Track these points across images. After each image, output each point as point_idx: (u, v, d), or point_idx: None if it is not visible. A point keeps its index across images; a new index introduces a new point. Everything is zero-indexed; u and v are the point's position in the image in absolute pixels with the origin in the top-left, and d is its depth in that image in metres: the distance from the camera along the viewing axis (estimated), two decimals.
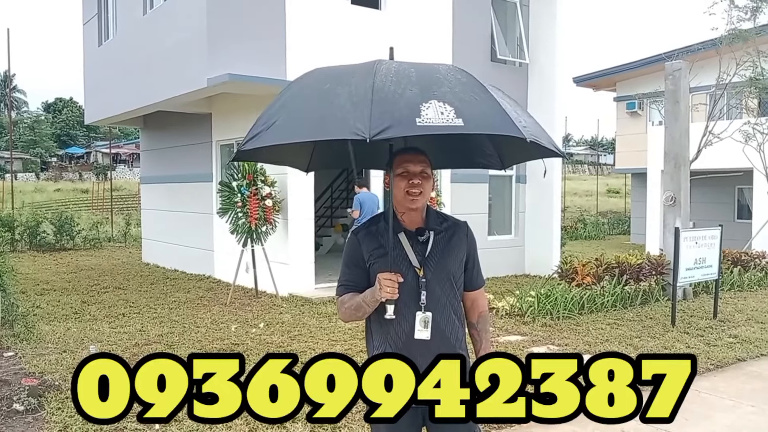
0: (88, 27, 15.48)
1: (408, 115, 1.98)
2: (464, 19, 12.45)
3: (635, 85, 22.82)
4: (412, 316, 2.47)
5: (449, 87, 2.11)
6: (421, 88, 2.08)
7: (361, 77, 2.16)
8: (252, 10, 9.91)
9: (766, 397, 5.76)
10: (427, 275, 2.49)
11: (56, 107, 73.85)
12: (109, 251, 17.66)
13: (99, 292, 10.68)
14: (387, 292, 2.36)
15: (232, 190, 9.89)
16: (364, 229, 2.62)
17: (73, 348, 6.90)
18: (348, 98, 2.09)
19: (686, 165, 10.47)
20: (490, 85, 2.29)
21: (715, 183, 19.65)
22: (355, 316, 2.56)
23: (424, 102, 2.01)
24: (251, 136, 2.25)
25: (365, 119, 1.97)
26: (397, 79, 2.11)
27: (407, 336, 2.48)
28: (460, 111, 2.00)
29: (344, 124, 2.02)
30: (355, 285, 2.56)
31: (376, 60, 2.28)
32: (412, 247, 2.52)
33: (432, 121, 1.97)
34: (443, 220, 2.63)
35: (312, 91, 2.28)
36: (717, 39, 14.52)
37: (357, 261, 2.57)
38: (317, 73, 2.38)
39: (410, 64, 2.27)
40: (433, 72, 2.21)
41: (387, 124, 1.96)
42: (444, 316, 2.52)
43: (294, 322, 8.36)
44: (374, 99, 2.03)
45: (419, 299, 2.47)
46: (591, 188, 44.04)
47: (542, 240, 13.81)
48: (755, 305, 9.86)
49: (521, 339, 7.55)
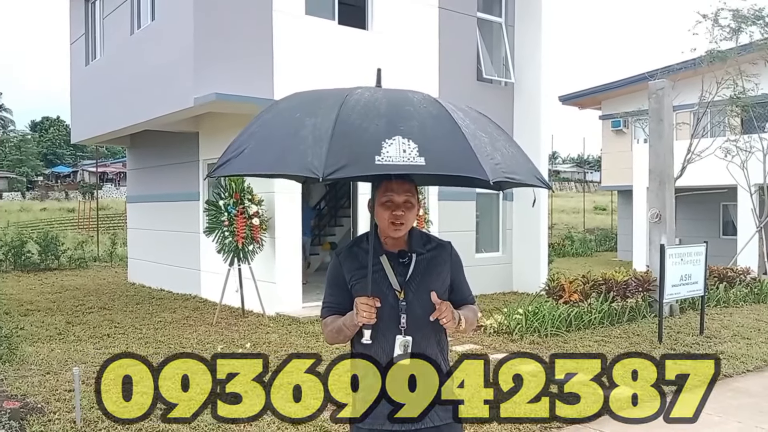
0: (75, 46, 15.48)
1: (367, 152, 1.97)
2: (451, 39, 12.57)
3: (620, 103, 23.09)
4: (393, 339, 2.43)
5: (418, 121, 2.08)
6: (388, 121, 2.06)
7: (328, 108, 2.14)
8: (239, 29, 9.96)
9: (752, 412, 5.78)
10: (408, 297, 2.45)
11: (43, 126, 73.53)
12: (94, 271, 17.50)
13: (84, 312, 10.57)
14: (363, 317, 2.34)
15: (219, 208, 9.87)
16: (346, 249, 2.60)
17: (57, 370, 6.81)
18: (312, 131, 2.08)
19: (671, 182, 10.56)
20: (469, 111, 2.26)
21: (701, 200, 19.83)
22: (337, 339, 2.53)
23: (388, 138, 1.99)
24: (222, 162, 2.26)
25: (321, 156, 1.97)
26: (364, 111, 2.10)
27: (386, 359, 2.45)
28: (424, 149, 1.99)
29: (302, 159, 2.01)
30: (338, 306, 2.54)
31: (350, 89, 2.26)
32: (394, 269, 2.48)
33: (392, 160, 1.96)
34: (426, 241, 2.60)
35: (282, 119, 2.28)
36: (698, 59, 14.75)
37: (338, 282, 2.55)
38: (293, 99, 2.38)
39: (384, 92, 2.25)
40: (404, 103, 2.18)
41: (343, 162, 1.96)
42: (425, 338, 2.48)
43: (281, 341, 8.30)
44: (335, 134, 2.02)
45: (399, 322, 2.43)
46: (578, 205, 44.30)
47: (530, 257, 13.85)
48: (741, 321, 9.91)
49: (508, 356, 7.53)
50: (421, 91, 2.34)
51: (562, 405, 5.77)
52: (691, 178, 14.71)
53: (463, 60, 13.01)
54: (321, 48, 10.63)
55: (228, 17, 9.90)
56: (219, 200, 9.94)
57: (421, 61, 11.97)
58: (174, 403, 5.71)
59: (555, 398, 5.95)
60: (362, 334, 2.41)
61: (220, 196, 9.97)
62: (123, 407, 5.56)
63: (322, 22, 10.80)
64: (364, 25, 11.47)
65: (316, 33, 10.65)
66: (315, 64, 10.43)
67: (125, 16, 12.40)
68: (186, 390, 6.09)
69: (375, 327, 2.39)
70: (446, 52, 12.43)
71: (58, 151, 70.06)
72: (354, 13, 11.61)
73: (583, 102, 25.40)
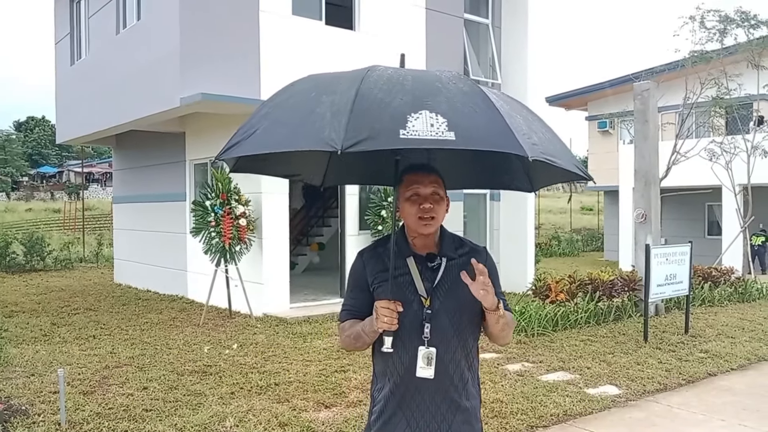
0: (60, 46, 15.36)
1: (391, 126, 1.79)
2: (437, 39, 12.59)
3: (606, 104, 23.26)
4: (414, 350, 2.22)
5: (446, 97, 1.90)
6: (413, 96, 1.87)
7: (347, 84, 1.97)
8: (226, 29, 9.93)
9: (736, 411, 5.84)
10: (434, 306, 2.23)
11: (28, 126, 72.83)
12: (80, 272, 17.37)
13: (69, 313, 10.49)
14: (384, 323, 2.13)
15: (206, 209, 9.82)
16: (371, 249, 2.40)
17: (42, 371, 6.76)
18: (329, 107, 1.90)
19: (656, 183, 10.65)
20: (502, 95, 2.11)
21: (686, 200, 20.01)
22: (354, 346, 2.32)
23: (413, 112, 1.81)
24: (230, 145, 2.08)
25: (340, 129, 1.79)
26: (387, 87, 1.92)
27: (406, 372, 2.24)
28: (454, 124, 1.80)
29: (319, 134, 1.83)
30: (358, 310, 2.34)
31: (371, 66, 2.10)
32: (421, 273, 2.27)
33: (419, 134, 1.77)
34: (459, 245, 2.37)
35: (296, 99, 2.08)
36: (682, 60, 14.88)
37: (361, 284, 2.35)
38: (307, 81, 2.18)
39: (409, 70, 2.08)
40: (432, 80, 1.99)
41: (365, 135, 1.77)
42: (449, 353, 2.25)
43: (268, 342, 8.28)
44: (355, 108, 1.84)
45: (423, 332, 2.21)
46: (565, 205, 44.51)
47: (517, 257, 13.91)
48: (725, 320, 10.01)
49: (496, 356, 7.57)
50: (451, 70, 2.17)
51: (547, 404, 5.81)
52: (676, 178, 14.84)
53: (450, 61, 13.03)
54: (308, 48, 10.62)
55: (214, 17, 9.86)
56: (205, 201, 9.90)
57: (408, 61, 11.96)
58: (161, 403, 5.70)
59: (541, 397, 5.99)
60: (382, 342, 2.20)
61: (207, 197, 9.93)
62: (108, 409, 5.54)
63: (309, 22, 10.78)
64: (351, 26, 11.46)
65: (303, 33, 10.64)
66: (302, 65, 10.41)
67: (111, 15, 12.32)
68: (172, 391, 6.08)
69: (396, 335, 2.19)
70: (433, 53, 12.45)
71: (44, 151, 69.44)
72: (341, 13, 11.61)
73: (570, 103, 25.57)
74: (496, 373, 6.83)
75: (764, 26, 14.70)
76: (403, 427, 2.26)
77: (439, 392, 2.25)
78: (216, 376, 6.61)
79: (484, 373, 6.80)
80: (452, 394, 2.27)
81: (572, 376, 6.77)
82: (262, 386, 6.26)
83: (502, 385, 6.39)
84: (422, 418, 2.25)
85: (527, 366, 7.19)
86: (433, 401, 2.25)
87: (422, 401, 2.24)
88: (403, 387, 2.25)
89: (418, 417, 2.25)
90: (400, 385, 2.26)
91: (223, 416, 5.36)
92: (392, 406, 2.28)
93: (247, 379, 6.51)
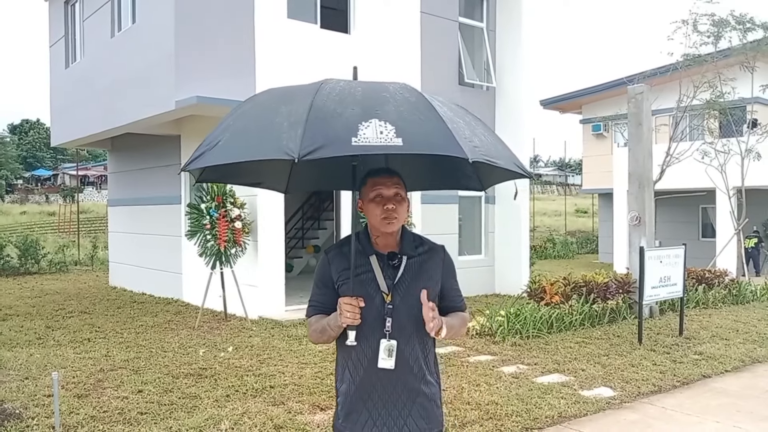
0: (54, 49, 15.33)
1: (344, 134, 1.94)
2: (432, 43, 12.63)
3: (600, 107, 23.34)
4: (376, 343, 2.37)
5: (394, 106, 2.06)
6: (363, 107, 2.03)
7: (303, 96, 2.13)
8: (221, 32, 9.93)
9: (730, 412, 5.86)
10: (395, 301, 2.39)
11: (23, 129, 72.62)
12: (75, 275, 17.32)
13: (64, 316, 10.46)
14: (347, 318, 2.30)
15: (201, 212, 9.82)
16: (336, 248, 2.54)
17: (36, 375, 6.74)
18: (286, 117, 2.06)
19: (650, 185, 10.69)
20: (447, 103, 2.24)
21: (680, 203, 20.07)
22: (321, 339, 2.49)
23: (364, 121, 1.97)
24: (195, 156, 2.21)
25: (297, 139, 1.94)
26: (340, 98, 2.09)
27: (369, 363, 2.39)
28: (401, 130, 1.96)
29: (277, 143, 1.98)
30: (323, 306, 2.49)
31: (324, 79, 2.25)
32: (383, 270, 2.42)
33: (369, 141, 1.93)
34: (419, 243, 2.53)
35: (256, 111, 2.26)
36: (676, 63, 14.93)
37: (326, 281, 2.50)
38: (266, 94, 2.36)
39: (359, 82, 2.24)
40: (380, 91, 2.16)
41: (320, 143, 1.92)
42: (409, 345, 2.41)
43: (263, 345, 8.28)
44: (310, 118, 2.00)
45: (384, 326, 2.37)
46: (560, 208, 44.60)
47: (512, 260, 13.94)
48: (719, 322, 10.05)
49: (491, 359, 7.58)
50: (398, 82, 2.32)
51: (542, 406, 5.82)
52: (670, 181, 14.89)
53: (445, 64, 13.08)
54: (303, 51, 10.63)
55: (210, 20, 9.87)
56: (201, 203, 9.89)
57: (402, 65, 12.01)
58: (156, 406, 5.69)
59: (536, 399, 6.00)
60: (346, 336, 2.37)
61: (202, 200, 9.92)
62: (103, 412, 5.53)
63: (304, 25, 10.80)
64: (346, 29, 11.48)
65: (298, 36, 10.65)
66: (297, 67, 10.43)
67: (106, 18, 12.31)
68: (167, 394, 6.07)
69: (359, 329, 2.34)
70: (428, 56, 12.48)
71: (38, 154, 69.21)
72: (336, 16, 11.63)
73: (564, 106, 25.65)
74: (491, 375, 6.84)
75: (759, 29, 14.76)
76: (366, 416, 2.42)
77: (400, 381, 2.41)
78: (211, 379, 6.60)
79: (480, 376, 6.81)
80: (411, 383, 2.43)
81: (567, 378, 6.79)
82: (257, 389, 6.26)
83: (497, 387, 6.40)
84: (384, 407, 2.41)
85: (522, 368, 7.20)
86: (395, 390, 2.41)
87: (384, 390, 2.40)
88: (366, 378, 2.40)
89: (379, 406, 2.41)
90: (363, 376, 2.41)
91: (218, 419, 5.35)
92: (356, 397, 2.43)
93: (242, 381, 6.50)
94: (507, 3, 14.13)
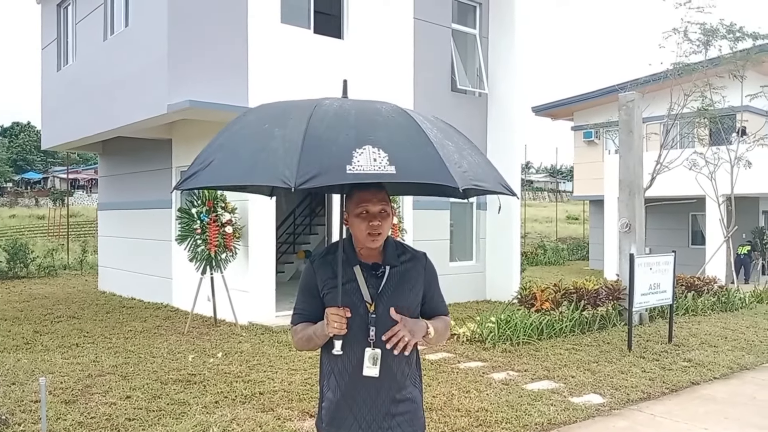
0: (46, 51, 15.27)
1: (338, 162, 1.98)
2: (425, 49, 12.66)
3: (591, 114, 23.46)
4: (361, 351, 2.43)
5: (387, 131, 2.11)
6: (357, 131, 2.07)
7: (297, 119, 2.15)
8: (214, 36, 9.92)
9: (718, 419, 5.89)
10: (379, 310, 2.43)
11: (13, 131, 72.25)
12: (64, 279, 17.21)
13: (52, 321, 10.38)
14: (334, 328, 2.35)
15: (191, 216, 9.78)
16: (321, 257, 2.57)
17: (23, 380, 6.68)
18: (281, 142, 2.08)
19: (640, 193, 10.74)
20: (436, 121, 2.28)
21: (671, 210, 20.18)
22: (307, 347, 2.54)
23: (358, 147, 2.01)
24: (189, 175, 2.23)
25: (293, 166, 1.97)
26: (334, 122, 2.12)
27: (354, 371, 2.44)
28: (394, 158, 2.01)
29: (274, 170, 2.01)
30: (309, 314, 2.53)
31: (318, 100, 2.27)
32: (366, 280, 2.47)
33: (363, 169, 1.97)
34: (401, 252, 2.58)
35: (250, 131, 2.27)
36: (666, 71, 15.04)
37: (311, 290, 2.54)
38: (259, 111, 2.38)
39: (353, 103, 2.26)
40: (374, 114, 2.20)
41: (315, 171, 1.96)
42: (392, 353, 2.44)
43: (253, 351, 8.25)
44: (305, 145, 2.03)
45: (368, 335, 2.42)
46: (551, 215, 44.76)
47: (502, 266, 13.96)
48: (708, 329, 10.09)
49: (481, 365, 7.58)
50: (389, 102, 2.36)
51: (532, 412, 5.83)
52: (660, 188, 14.97)
53: (438, 70, 13.12)
54: (296, 56, 10.63)
55: (203, 24, 9.85)
56: (191, 208, 9.86)
57: (395, 70, 12.04)
58: (144, 413, 5.65)
59: (526, 405, 6.00)
60: (332, 344, 2.41)
61: (193, 204, 9.89)
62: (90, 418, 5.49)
63: (297, 30, 10.80)
64: (339, 35, 11.50)
65: (291, 41, 10.66)
66: (290, 73, 10.43)
67: (98, 21, 12.27)
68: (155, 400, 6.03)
69: (344, 338, 2.39)
70: (421, 63, 12.51)
71: (29, 157, 68.82)
72: (330, 22, 11.64)
73: (556, 113, 25.75)
74: (481, 382, 6.84)
75: (748, 38, 14.90)
76: (351, 422, 2.47)
77: (383, 388, 2.46)
78: (200, 385, 6.57)
79: (470, 382, 6.81)
80: (395, 390, 2.48)
81: (557, 385, 6.80)
82: (246, 395, 6.23)
83: (487, 393, 6.40)
84: (369, 412, 2.46)
85: (512, 375, 7.21)
86: (378, 396, 2.46)
87: (368, 397, 2.45)
88: (351, 385, 2.46)
89: (365, 411, 2.46)
90: (348, 383, 2.46)
91: (207, 425, 5.32)
92: (341, 403, 2.48)
93: (231, 388, 6.47)
94: (500, 10, 14.19)
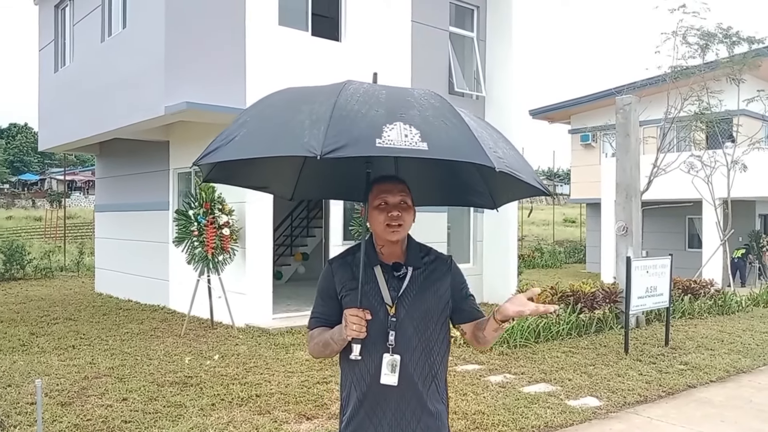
0: (44, 53, 15.25)
1: (368, 134, 1.86)
2: (423, 52, 12.68)
3: (589, 118, 23.47)
4: (379, 357, 2.27)
5: (419, 110, 1.98)
6: (387, 109, 1.95)
7: (326, 96, 2.04)
8: (211, 38, 9.92)
9: (715, 422, 5.89)
10: (399, 314, 2.29)
11: (10, 133, 72.13)
12: (61, 281, 17.18)
13: (49, 323, 10.36)
14: (353, 330, 2.19)
15: (189, 218, 9.77)
16: (340, 258, 2.45)
17: (19, 382, 6.67)
18: (308, 115, 1.97)
19: (637, 196, 10.76)
20: (468, 113, 2.19)
21: (667, 213, 20.20)
22: (323, 353, 2.38)
23: (389, 123, 1.89)
24: (209, 150, 2.11)
25: (320, 136, 1.85)
26: (363, 99, 2.00)
27: (372, 379, 2.29)
28: (426, 135, 1.89)
29: (298, 140, 1.90)
30: (326, 318, 2.40)
31: (347, 80, 2.17)
32: (387, 282, 2.33)
33: (393, 143, 1.85)
34: (425, 254, 2.44)
35: (275, 108, 2.15)
36: (664, 75, 15.07)
37: (329, 292, 2.40)
38: (285, 92, 2.25)
39: (383, 86, 2.16)
40: (405, 95, 2.08)
41: (343, 142, 1.84)
42: (414, 359, 2.30)
43: (250, 353, 8.24)
44: (333, 117, 1.91)
45: (388, 340, 2.26)
46: (548, 217, 44.78)
47: (500, 269, 13.97)
48: (705, 332, 10.11)
49: (478, 368, 7.58)
50: (423, 87, 2.26)
51: (529, 415, 5.83)
52: (657, 191, 14.98)
53: (435, 73, 13.13)
54: (294, 58, 10.64)
55: (200, 26, 9.86)
56: (189, 210, 9.85)
57: (393, 73, 12.03)
58: (142, 416, 5.64)
59: (522, 408, 6.01)
60: (350, 350, 2.25)
61: (190, 206, 9.88)
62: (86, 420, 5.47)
63: (295, 32, 10.81)
64: (337, 37, 11.51)
65: (289, 43, 10.67)
66: (288, 75, 10.43)
67: (96, 23, 12.26)
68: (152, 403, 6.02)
69: (363, 343, 2.24)
70: (418, 65, 12.53)
71: (26, 158, 68.74)
72: (327, 24, 11.66)
73: (553, 116, 25.77)
74: (478, 385, 6.84)
75: (745, 43, 14.94)
76: None
77: (404, 399, 2.30)
78: (197, 388, 6.56)
79: (467, 385, 6.81)
80: (416, 401, 2.31)
81: (554, 388, 6.80)
82: (243, 398, 6.23)
83: (483, 396, 6.40)
84: (388, 425, 2.30)
85: (509, 377, 7.21)
86: (399, 407, 2.30)
87: (388, 407, 2.29)
88: (370, 394, 2.30)
89: (384, 423, 2.30)
90: (366, 392, 2.31)
91: (203, 428, 5.32)
92: (360, 413, 2.33)
93: (228, 390, 6.46)
94: (497, 13, 14.23)
